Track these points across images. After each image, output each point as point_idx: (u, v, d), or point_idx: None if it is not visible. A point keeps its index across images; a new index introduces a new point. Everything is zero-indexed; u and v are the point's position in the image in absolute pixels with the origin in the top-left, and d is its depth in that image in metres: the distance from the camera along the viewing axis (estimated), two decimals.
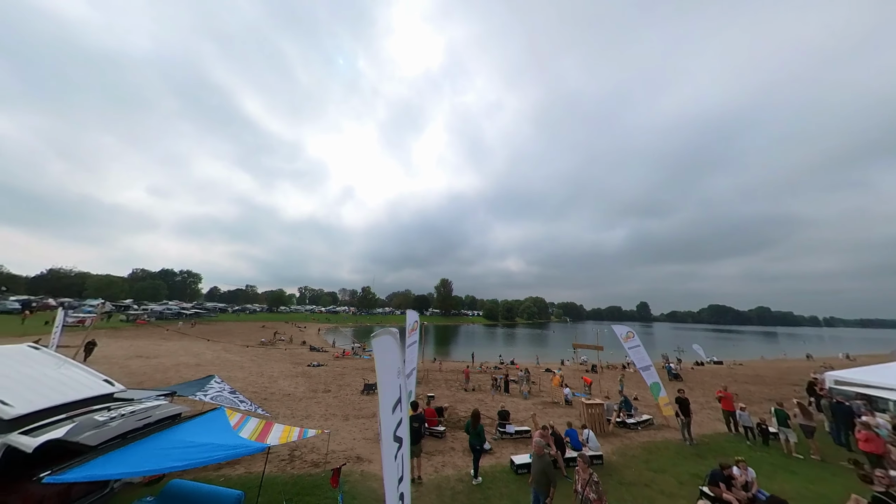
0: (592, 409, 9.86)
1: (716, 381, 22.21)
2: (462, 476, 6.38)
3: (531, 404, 14.19)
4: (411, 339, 8.13)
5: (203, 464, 3.87)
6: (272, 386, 16.07)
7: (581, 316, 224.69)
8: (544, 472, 4.68)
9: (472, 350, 38.11)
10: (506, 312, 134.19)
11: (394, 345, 2.44)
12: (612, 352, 38.08)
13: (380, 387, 2.16)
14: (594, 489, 4.53)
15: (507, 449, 8.18)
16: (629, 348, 11.68)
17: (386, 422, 2.17)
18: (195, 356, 24.24)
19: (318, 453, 7.38)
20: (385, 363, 2.27)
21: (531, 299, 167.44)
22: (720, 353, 42.02)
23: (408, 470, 2.50)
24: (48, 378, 4.59)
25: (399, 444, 2.37)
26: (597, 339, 13.64)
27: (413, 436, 6.06)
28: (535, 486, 4.75)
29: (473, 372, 24.57)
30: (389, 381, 2.30)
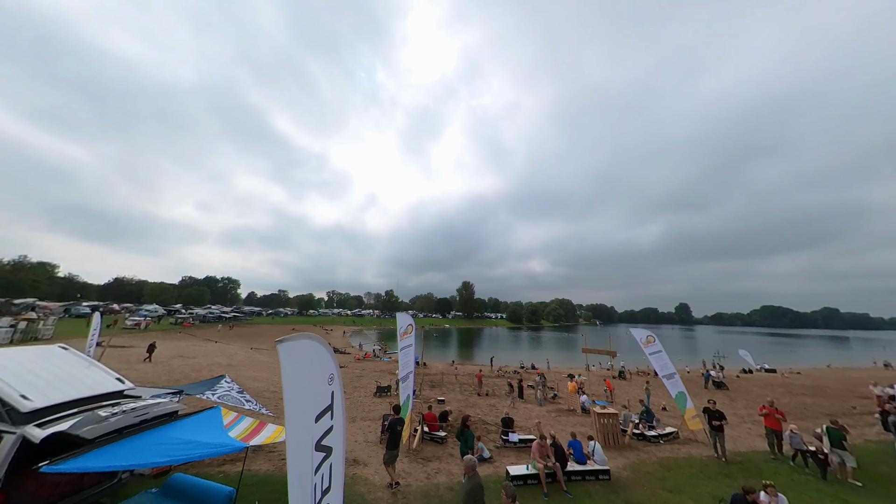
0: (605, 418, 9.18)
1: (765, 393, 19.86)
2: (454, 484, 6.18)
3: (545, 411, 13.57)
4: (405, 343, 8.06)
5: (184, 460, 4.06)
6: None
7: (612, 318, 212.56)
8: (471, 495, 4.07)
9: (493, 354, 37.45)
10: (530, 315, 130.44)
11: (320, 350, 2.39)
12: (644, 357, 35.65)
13: (293, 395, 2.09)
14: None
15: (509, 458, 7.83)
16: (650, 354, 10.75)
17: (304, 431, 2.10)
18: (229, 357, 26.10)
19: None
20: (306, 369, 2.21)
21: (557, 301, 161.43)
22: (774, 360, 37.62)
23: (337, 481, 2.41)
24: (67, 375, 5.14)
25: (326, 453, 2.30)
26: (609, 344, 12.71)
27: (391, 441, 6.01)
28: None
29: (490, 376, 24.06)
30: (314, 387, 2.25)
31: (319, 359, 2.35)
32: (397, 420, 6.24)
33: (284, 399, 2.00)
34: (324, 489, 2.22)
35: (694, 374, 28.43)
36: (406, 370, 7.78)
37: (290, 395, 2.02)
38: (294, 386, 2.06)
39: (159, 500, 5.06)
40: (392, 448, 5.95)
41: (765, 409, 9.04)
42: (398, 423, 6.18)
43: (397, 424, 6.14)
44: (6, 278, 46.31)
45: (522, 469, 6.52)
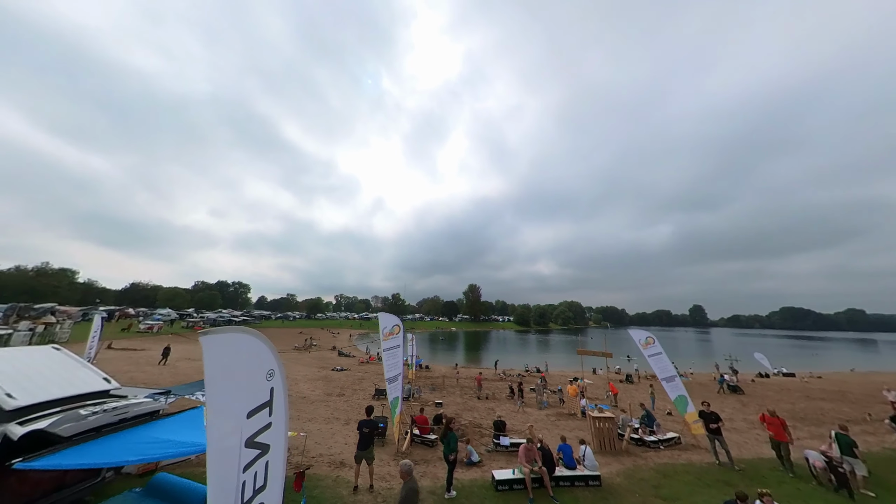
0: (601, 422, 8.90)
1: (780, 398, 19.01)
2: (436, 488, 6.06)
3: (544, 415, 13.27)
4: (390, 344, 8.01)
5: (158, 459, 4.10)
6: (292, 388, 16.91)
7: (623, 321, 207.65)
8: (405, 501, 3.91)
9: (499, 357, 37.00)
10: (538, 318, 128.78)
11: (257, 345, 2.37)
12: None
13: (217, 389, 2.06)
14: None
15: (499, 462, 7.65)
16: (649, 356, 10.43)
17: (229, 427, 2.08)
18: None
19: (306, 456, 7.53)
20: (235, 363, 2.19)
21: (566, 304, 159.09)
22: (794, 364, 36.03)
23: (275, 480, 2.37)
24: (56, 375, 5.29)
25: (261, 451, 2.26)
26: (604, 346, 12.36)
27: (362, 442, 5.96)
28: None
29: (494, 380, 23.77)
30: (246, 382, 2.23)
31: (255, 354, 2.33)
32: (365, 422, 6.22)
33: (206, 392, 1.98)
34: (256, 487, 2.19)
35: (702, 377, 27.46)
36: (393, 371, 7.72)
37: (212, 388, 2.00)
38: (218, 379, 2.04)
39: (142, 499, 5.11)
40: (361, 448, 5.92)
41: (766, 419, 7.88)
42: (365, 425, 6.15)
43: (364, 426, 6.12)
44: (29, 284, 48.52)
45: (508, 473, 6.36)
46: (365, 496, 5.71)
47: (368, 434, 6.02)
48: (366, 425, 6.11)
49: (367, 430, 6.04)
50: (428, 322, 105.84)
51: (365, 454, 5.91)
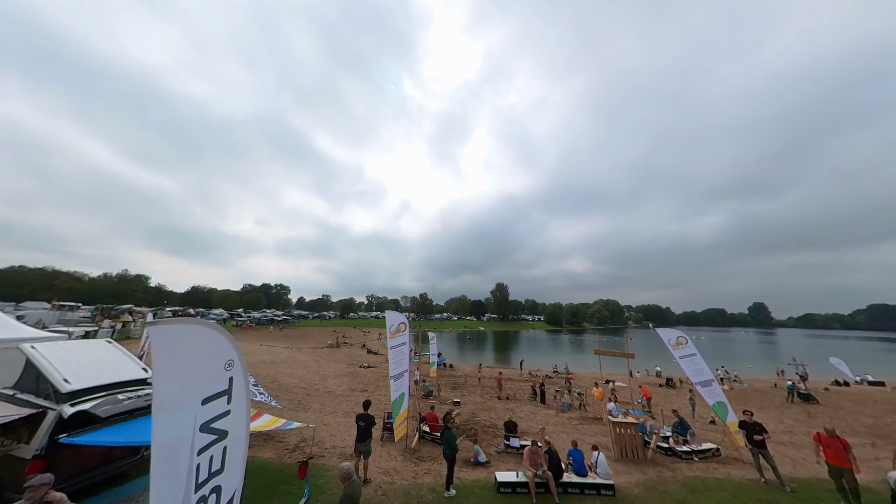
0: (622, 428, 8.24)
1: (861, 409, 16.22)
2: (438, 486, 6.02)
3: (566, 418, 12.63)
4: (396, 341, 8.12)
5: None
6: (320, 383, 17.91)
7: (668, 320, 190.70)
8: (351, 499, 3.82)
9: (527, 357, 35.98)
10: (570, 317, 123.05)
11: (215, 337, 2.52)
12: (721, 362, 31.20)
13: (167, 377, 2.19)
14: None
15: (508, 464, 7.42)
16: (680, 358, 9.44)
17: (182, 412, 2.22)
18: (274, 355, 28.74)
19: (320, 447, 7.90)
20: (188, 353, 2.33)
21: (601, 302, 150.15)
22: (884, 371, 30.53)
23: (235, 464, 2.49)
24: (104, 364, 6.12)
25: (217, 436, 2.40)
26: (626, 346, 11.37)
27: (360, 435, 6.09)
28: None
29: (519, 380, 23.15)
30: (201, 371, 2.38)
31: (211, 345, 2.49)
32: (362, 416, 6.36)
33: (153, 379, 2.15)
34: (213, 470, 2.33)
35: (760, 383, 24.29)
36: (399, 368, 7.83)
37: (160, 376, 2.16)
38: (167, 368, 2.20)
39: None
40: (359, 441, 6.07)
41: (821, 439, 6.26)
42: (362, 419, 6.29)
43: (361, 420, 6.26)
44: (114, 288, 56.96)
45: (511, 476, 6.13)
46: (365, 489, 5.84)
47: (365, 428, 6.16)
48: (362, 419, 6.27)
49: (363, 424, 6.19)
50: (455, 321, 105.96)
51: (362, 447, 6.06)
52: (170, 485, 2.08)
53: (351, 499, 3.81)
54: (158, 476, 2.01)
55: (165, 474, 2.06)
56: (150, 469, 1.98)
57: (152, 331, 2.15)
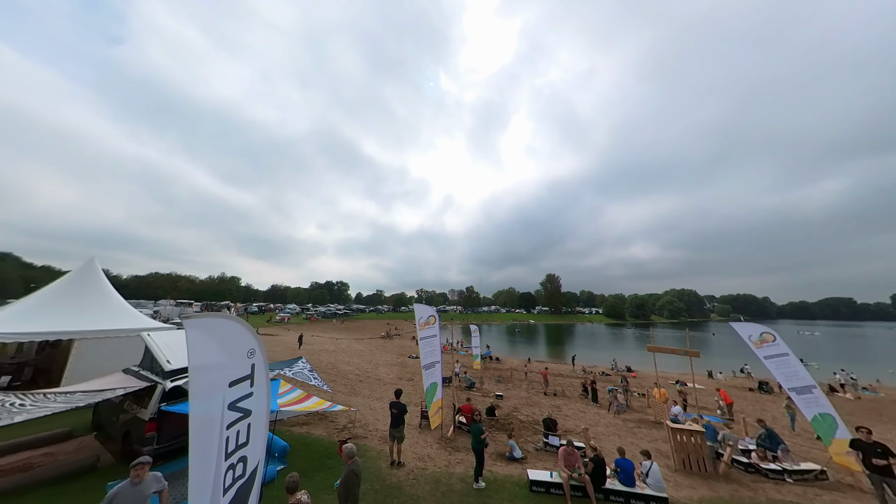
0: (684, 435, 7.20)
1: None
2: (468, 476, 6.06)
3: (621, 421, 11.53)
4: (426, 333, 8.31)
5: None
6: (372, 371, 19.40)
7: (767, 313, 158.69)
8: (343, 483, 4.13)
9: (580, 352, 33.71)
10: (635, 310, 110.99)
11: (238, 329, 2.91)
12: (820, 365, 25.27)
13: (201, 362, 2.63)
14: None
15: (546, 463, 7.10)
16: (765, 358, 7.82)
17: (214, 391, 2.63)
18: (334, 343, 32.05)
19: (365, 429, 8.60)
20: (217, 342, 2.73)
21: (674, 292, 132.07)
22: None
23: (258, 438, 2.86)
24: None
25: (243, 414, 2.78)
26: (687, 343, 9.67)
27: (393, 421, 6.39)
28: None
29: (570, 376, 21.86)
30: (228, 358, 2.78)
31: (236, 336, 2.89)
32: (394, 403, 6.68)
33: (189, 363, 2.57)
34: (239, 442, 2.73)
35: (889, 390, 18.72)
36: (429, 359, 8.04)
37: (195, 360, 2.58)
38: (201, 354, 2.61)
39: None
40: (393, 427, 6.41)
41: None
42: (394, 406, 6.62)
43: (393, 407, 6.59)
44: (215, 288, 70.02)
45: (545, 475, 5.85)
46: (399, 471, 6.20)
47: (398, 415, 6.50)
48: (395, 406, 6.62)
49: (395, 412, 6.54)
50: (504, 314, 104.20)
51: (396, 433, 6.41)
52: (205, 454, 2.50)
53: (355, 475, 4.20)
54: (195, 446, 2.44)
55: (200, 444, 2.48)
56: (189, 439, 2.41)
57: (187, 323, 2.59)
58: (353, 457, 4.35)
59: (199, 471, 2.47)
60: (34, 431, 6.52)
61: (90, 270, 9.87)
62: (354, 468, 4.25)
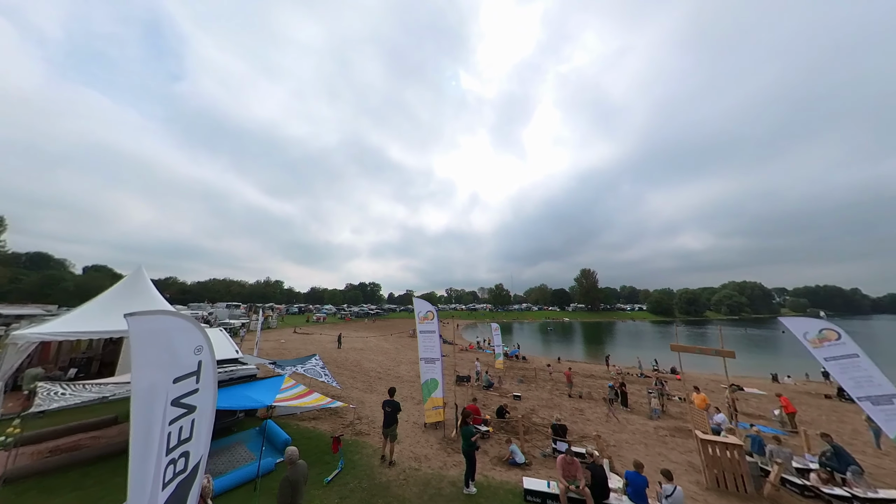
0: (717, 448, 6.22)
1: None
2: (461, 480, 5.80)
3: (652, 427, 10.40)
4: (425, 328, 8.16)
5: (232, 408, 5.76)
6: (393, 369, 19.79)
7: (858, 307, 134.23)
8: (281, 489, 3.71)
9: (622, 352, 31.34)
10: (685, 305, 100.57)
11: (186, 325, 2.98)
12: None
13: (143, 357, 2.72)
14: None
15: (552, 470, 6.56)
16: (825, 359, 6.45)
17: (156, 387, 2.71)
18: (363, 341, 33.30)
19: (370, 425, 8.70)
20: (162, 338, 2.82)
21: (733, 285, 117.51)
22: None
23: (201, 435, 2.90)
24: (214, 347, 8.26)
25: (186, 410, 2.84)
26: (721, 342, 8.24)
27: (386, 420, 6.32)
28: None
29: (603, 377, 20.34)
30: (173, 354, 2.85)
31: (183, 332, 2.97)
32: (388, 402, 6.59)
33: (132, 359, 2.67)
34: (182, 438, 2.79)
35: None
36: (428, 354, 7.90)
37: (137, 357, 2.67)
38: (145, 351, 2.71)
39: (256, 435, 7.32)
40: (386, 426, 6.34)
41: None
42: (387, 405, 6.54)
43: (386, 406, 6.51)
44: (261, 291, 77.16)
45: (542, 485, 5.38)
46: (390, 470, 6.13)
47: (391, 413, 6.44)
48: (388, 405, 6.56)
49: (388, 410, 6.48)
50: (536, 312, 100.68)
51: (389, 431, 6.36)
52: (146, 448, 2.59)
53: (290, 483, 3.68)
54: (136, 440, 2.53)
55: (142, 439, 2.57)
56: (130, 434, 2.51)
57: (130, 320, 2.70)
58: (294, 462, 3.89)
59: (139, 465, 2.56)
60: (85, 417, 7.53)
61: (138, 277, 11.23)
62: (290, 475, 3.76)
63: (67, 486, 5.41)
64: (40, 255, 62.95)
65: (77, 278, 55.04)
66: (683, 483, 6.41)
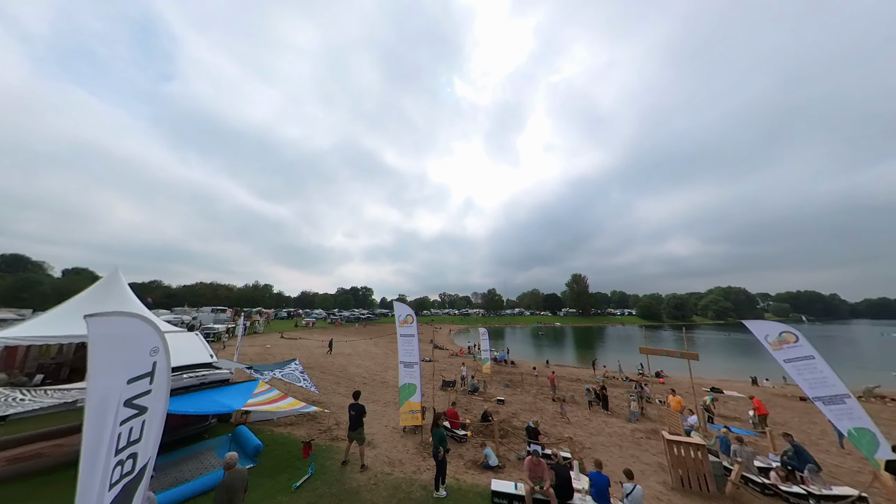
0: (682, 448, 6.41)
1: None
2: (429, 484, 5.83)
3: (629, 430, 10.58)
4: (405, 332, 8.20)
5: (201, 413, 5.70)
6: (381, 374, 19.63)
7: (836, 312, 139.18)
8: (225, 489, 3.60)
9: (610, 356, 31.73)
10: (673, 310, 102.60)
11: (143, 326, 3.00)
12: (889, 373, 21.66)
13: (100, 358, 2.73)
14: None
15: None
16: (784, 361, 6.76)
17: (110, 387, 2.71)
18: (352, 347, 32.90)
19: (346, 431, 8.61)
20: (119, 339, 2.83)
21: (719, 290, 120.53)
22: None
23: (151, 436, 2.90)
24: (186, 350, 8.10)
25: (138, 411, 2.85)
26: (685, 345, 8.54)
27: (351, 423, 6.32)
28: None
29: (590, 381, 20.55)
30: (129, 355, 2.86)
31: (140, 333, 2.99)
32: (352, 405, 6.60)
33: (89, 359, 2.68)
34: (131, 439, 2.79)
35: None
36: (408, 358, 7.93)
37: (94, 357, 2.69)
38: (100, 351, 2.72)
39: (227, 441, 7.20)
40: (351, 430, 6.34)
41: None
42: (352, 408, 6.55)
43: (351, 409, 6.52)
44: (250, 295, 75.48)
45: (509, 486, 5.46)
46: (359, 475, 6.11)
47: (356, 416, 6.44)
48: (352, 408, 6.57)
49: (353, 413, 6.48)
50: (528, 317, 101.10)
51: (354, 435, 6.35)
52: (96, 447, 2.60)
53: (226, 488, 3.59)
54: (87, 440, 2.54)
55: (93, 438, 2.58)
56: (83, 432, 2.52)
57: (90, 321, 2.72)
58: (232, 466, 3.73)
59: (89, 465, 2.57)
60: (51, 424, 7.29)
61: (115, 280, 10.97)
62: (226, 481, 3.63)
63: (24, 496, 5.25)
64: (17, 258, 60.62)
65: (55, 281, 53.14)
66: (651, 483, 6.56)
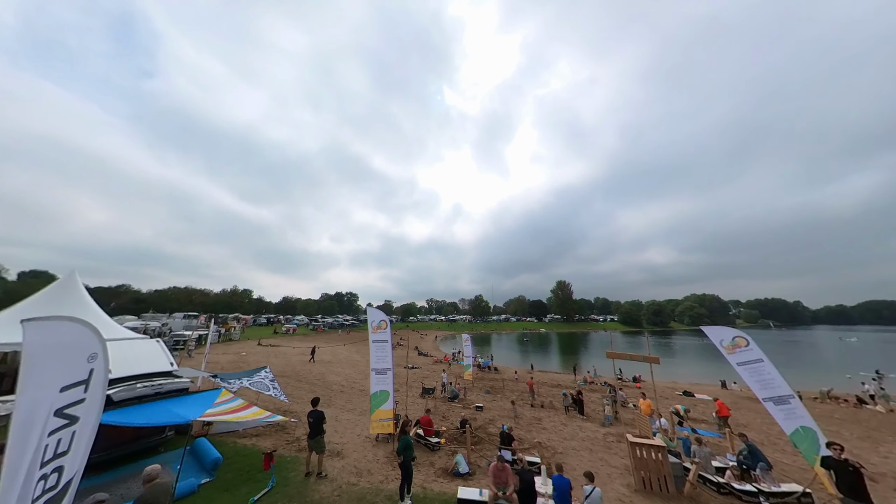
0: (643, 450, 6.61)
1: None
2: (394, 494, 5.74)
3: (602, 434, 10.79)
4: (378, 337, 8.13)
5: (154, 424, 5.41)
6: (360, 382, 19.18)
7: (800, 318, 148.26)
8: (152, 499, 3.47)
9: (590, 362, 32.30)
10: (652, 316, 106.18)
11: (82, 331, 2.85)
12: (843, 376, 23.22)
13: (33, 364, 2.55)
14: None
15: None
16: (738, 364, 7.16)
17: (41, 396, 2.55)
18: (334, 354, 32.05)
19: None
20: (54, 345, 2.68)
21: (694, 297, 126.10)
22: None
23: (80, 448, 2.74)
24: (143, 358, 7.70)
25: (69, 421, 2.69)
26: (648, 349, 8.96)
27: (310, 430, 6.19)
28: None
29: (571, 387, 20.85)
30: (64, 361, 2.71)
31: (78, 338, 2.84)
32: (310, 412, 6.50)
33: (21, 366, 2.51)
34: (59, 451, 2.63)
35: None
36: (381, 364, 7.84)
37: (26, 363, 2.52)
38: (35, 356, 2.56)
39: (186, 454, 6.82)
40: (310, 437, 6.22)
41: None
42: (311, 416, 6.45)
43: (309, 416, 6.42)
44: (227, 300, 72.29)
45: (474, 493, 5.46)
46: (322, 486, 5.95)
47: (314, 424, 6.30)
48: (311, 415, 6.43)
49: (311, 421, 6.34)
50: (514, 323, 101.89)
51: (314, 443, 6.20)
52: (20, 459, 2.43)
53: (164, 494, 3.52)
54: (12, 450, 2.37)
55: (18, 449, 2.42)
56: (8, 442, 2.35)
57: (26, 325, 2.56)
58: (153, 480, 3.59)
59: (11, 479, 2.40)
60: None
61: (71, 283, 10.30)
62: (145, 495, 3.49)
63: None
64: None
65: (9, 285, 49.20)
66: (616, 486, 6.72)
